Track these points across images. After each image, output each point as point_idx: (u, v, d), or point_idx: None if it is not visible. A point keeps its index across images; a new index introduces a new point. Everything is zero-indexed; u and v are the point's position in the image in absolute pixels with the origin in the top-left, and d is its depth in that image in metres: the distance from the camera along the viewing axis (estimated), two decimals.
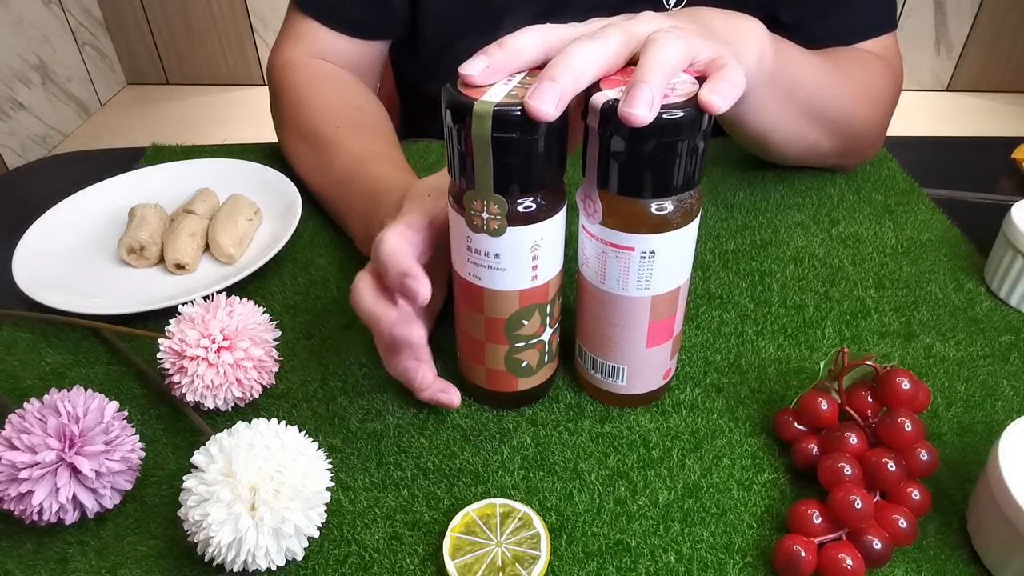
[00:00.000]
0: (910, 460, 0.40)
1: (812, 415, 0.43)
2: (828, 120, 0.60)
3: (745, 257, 0.60)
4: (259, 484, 0.37)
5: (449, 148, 0.38)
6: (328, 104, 0.65)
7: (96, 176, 0.68)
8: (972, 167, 0.74)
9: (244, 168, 0.69)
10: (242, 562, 0.37)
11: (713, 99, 0.35)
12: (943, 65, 2.55)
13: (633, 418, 0.47)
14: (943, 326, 0.54)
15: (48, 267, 0.58)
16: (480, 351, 0.44)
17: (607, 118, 0.35)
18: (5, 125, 2.14)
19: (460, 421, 0.47)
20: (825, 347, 0.52)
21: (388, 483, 0.43)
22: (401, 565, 0.39)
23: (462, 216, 0.39)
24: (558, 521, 0.41)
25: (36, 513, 0.38)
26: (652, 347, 0.44)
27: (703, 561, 0.39)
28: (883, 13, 0.69)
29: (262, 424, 0.39)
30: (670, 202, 0.38)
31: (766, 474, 0.44)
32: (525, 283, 0.41)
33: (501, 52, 0.37)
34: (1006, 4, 2.40)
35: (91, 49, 2.51)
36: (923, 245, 0.62)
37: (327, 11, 0.69)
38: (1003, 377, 0.50)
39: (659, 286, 0.41)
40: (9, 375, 0.51)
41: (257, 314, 0.47)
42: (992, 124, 2.40)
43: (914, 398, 0.42)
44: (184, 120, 2.48)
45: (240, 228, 0.60)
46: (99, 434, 0.40)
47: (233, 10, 2.53)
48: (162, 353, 0.45)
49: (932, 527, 0.41)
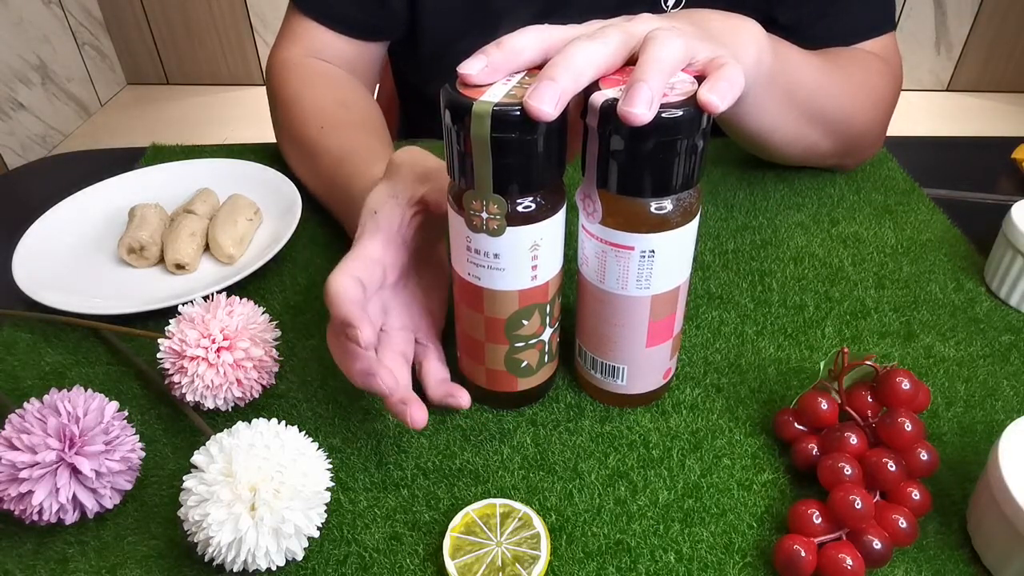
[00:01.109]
0: (910, 460, 0.40)
1: (812, 415, 0.43)
2: (827, 120, 0.60)
3: (745, 257, 0.60)
4: (259, 484, 0.37)
5: (448, 148, 0.38)
6: (315, 104, 0.65)
7: (96, 176, 0.68)
8: (972, 167, 0.74)
9: (244, 168, 0.69)
10: (242, 562, 0.37)
11: (712, 98, 0.35)
12: (943, 65, 2.55)
13: (633, 418, 0.47)
14: (943, 326, 0.54)
15: (48, 267, 0.58)
16: (480, 351, 0.44)
17: (606, 117, 0.35)
18: (5, 125, 2.14)
19: (460, 421, 0.47)
20: (825, 347, 0.52)
21: (388, 483, 0.43)
22: (401, 565, 0.39)
23: (461, 216, 0.39)
24: (558, 521, 0.41)
25: (36, 513, 0.38)
26: (652, 347, 0.44)
27: (703, 561, 0.39)
28: (882, 13, 0.69)
29: (262, 424, 0.39)
30: (669, 201, 0.38)
31: (766, 474, 0.44)
32: (525, 283, 0.41)
33: (500, 52, 0.37)
34: (1006, 4, 2.40)
35: (91, 49, 2.51)
36: (923, 245, 0.62)
37: (326, 11, 0.69)
38: (1003, 377, 0.50)
39: (659, 285, 0.41)
40: (9, 375, 0.51)
41: (257, 314, 0.47)
42: (992, 124, 2.40)
43: (914, 398, 0.42)
44: (184, 120, 2.48)
45: (240, 228, 0.60)
46: (99, 434, 0.40)
47: (233, 10, 2.54)
48: (162, 353, 0.45)
49: (932, 527, 0.41)
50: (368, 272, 0.42)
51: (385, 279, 0.45)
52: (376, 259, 0.43)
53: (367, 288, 0.42)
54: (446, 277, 0.50)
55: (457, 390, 0.45)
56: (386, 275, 0.44)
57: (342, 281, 0.40)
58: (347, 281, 0.41)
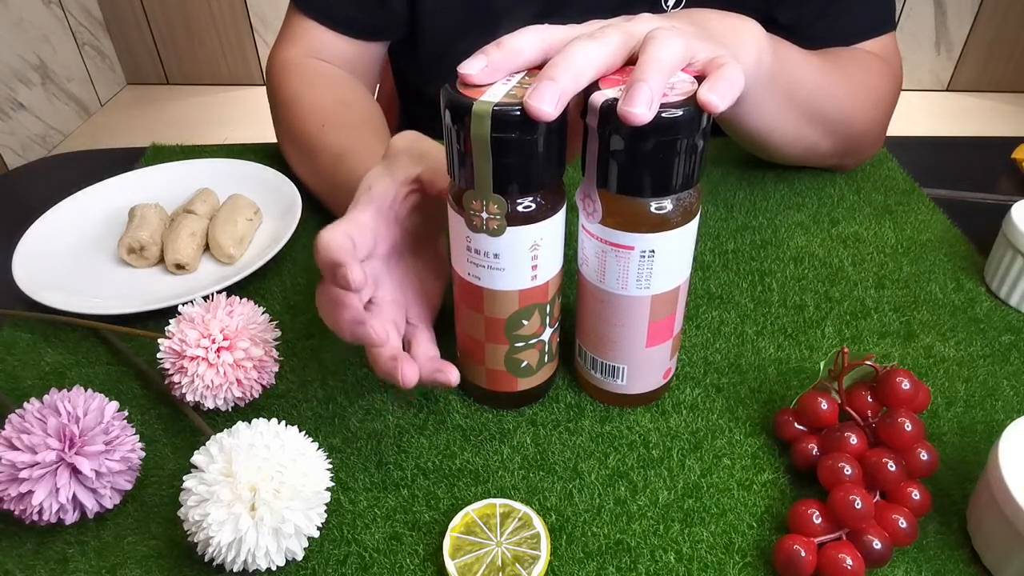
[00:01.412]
0: (910, 460, 0.40)
1: (812, 415, 0.43)
2: (827, 120, 0.60)
3: (745, 257, 0.60)
4: (259, 484, 0.37)
5: (448, 148, 0.38)
6: (316, 103, 0.65)
7: (96, 176, 0.68)
8: (972, 167, 0.74)
9: (244, 168, 0.69)
10: (242, 562, 0.37)
11: (712, 98, 0.35)
12: (943, 65, 2.54)
13: (633, 418, 0.47)
14: (943, 326, 0.54)
15: (48, 267, 0.58)
16: (480, 351, 0.44)
17: (606, 117, 0.35)
18: (5, 125, 2.14)
19: (460, 421, 0.47)
20: (825, 347, 0.52)
21: (388, 483, 0.43)
22: (401, 565, 0.39)
23: (461, 216, 0.39)
24: (558, 521, 0.41)
25: (36, 513, 0.38)
26: (652, 346, 0.44)
27: (703, 561, 0.39)
28: (882, 13, 0.69)
29: (262, 424, 0.39)
30: (669, 201, 0.38)
31: (766, 474, 0.44)
32: (525, 283, 0.41)
33: (500, 52, 0.37)
34: (1006, 4, 2.40)
35: (91, 49, 2.51)
36: (923, 245, 0.62)
37: (326, 11, 0.69)
38: (1003, 377, 0.50)
39: (659, 285, 0.41)
40: (9, 375, 0.51)
41: (257, 314, 0.47)
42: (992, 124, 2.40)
43: (914, 398, 0.42)
44: (184, 120, 2.48)
45: (240, 228, 0.60)
46: (99, 434, 0.40)
47: (233, 10, 2.53)
48: (162, 353, 0.45)
49: (932, 527, 0.41)
50: (359, 233, 0.41)
51: (376, 247, 0.44)
52: (367, 224, 0.42)
53: (357, 247, 0.41)
54: (444, 271, 0.50)
55: (445, 366, 0.43)
56: (376, 243, 0.43)
57: (332, 234, 0.40)
58: (338, 235, 0.40)
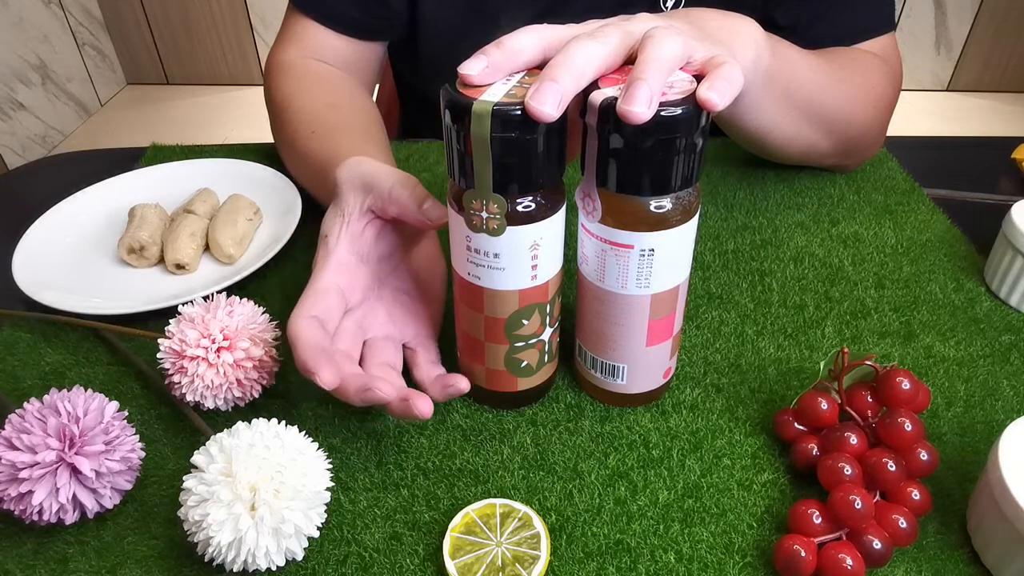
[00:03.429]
0: (910, 460, 0.40)
1: (812, 415, 0.43)
2: (826, 120, 0.60)
3: (745, 257, 0.60)
4: (259, 484, 0.37)
5: (448, 148, 0.38)
6: (306, 107, 0.64)
7: (96, 176, 0.68)
8: (972, 167, 0.74)
9: (244, 168, 0.69)
10: (242, 562, 0.37)
11: (711, 96, 0.35)
12: (943, 65, 2.54)
13: (633, 418, 0.47)
14: (943, 326, 0.54)
15: (48, 267, 0.58)
16: (480, 351, 0.44)
17: (606, 116, 0.35)
18: (5, 125, 2.14)
19: (460, 421, 0.47)
20: (825, 347, 0.52)
21: (388, 483, 0.43)
22: (401, 565, 0.39)
23: (461, 216, 0.39)
24: (558, 521, 0.41)
25: (36, 513, 0.38)
26: (652, 345, 0.44)
27: (703, 561, 0.39)
28: (881, 13, 0.69)
29: (262, 424, 0.39)
30: (669, 200, 0.38)
31: (766, 474, 0.44)
32: (525, 283, 0.41)
33: (500, 52, 0.37)
34: (1006, 4, 2.40)
35: (91, 49, 2.51)
36: (923, 245, 0.62)
37: (325, 11, 0.69)
38: (1003, 377, 0.50)
39: (658, 284, 0.41)
40: (9, 375, 0.51)
41: (257, 314, 0.47)
42: (992, 124, 2.40)
43: (914, 398, 0.42)
44: (184, 120, 2.48)
45: (240, 228, 0.60)
46: (99, 434, 0.40)
47: (233, 10, 2.54)
48: (162, 353, 0.45)
49: (932, 527, 0.41)
50: (323, 306, 0.43)
51: (349, 298, 0.45)
52: (328, 289, 0.44)
53: (327, 321, 0.43)
54: (434, 274, 0.50)
55: (452, 378, 0.44)
56: (347, 296, 0.45)
57: (299, 325, 0.41)
58: (303, 324, 0.41)
